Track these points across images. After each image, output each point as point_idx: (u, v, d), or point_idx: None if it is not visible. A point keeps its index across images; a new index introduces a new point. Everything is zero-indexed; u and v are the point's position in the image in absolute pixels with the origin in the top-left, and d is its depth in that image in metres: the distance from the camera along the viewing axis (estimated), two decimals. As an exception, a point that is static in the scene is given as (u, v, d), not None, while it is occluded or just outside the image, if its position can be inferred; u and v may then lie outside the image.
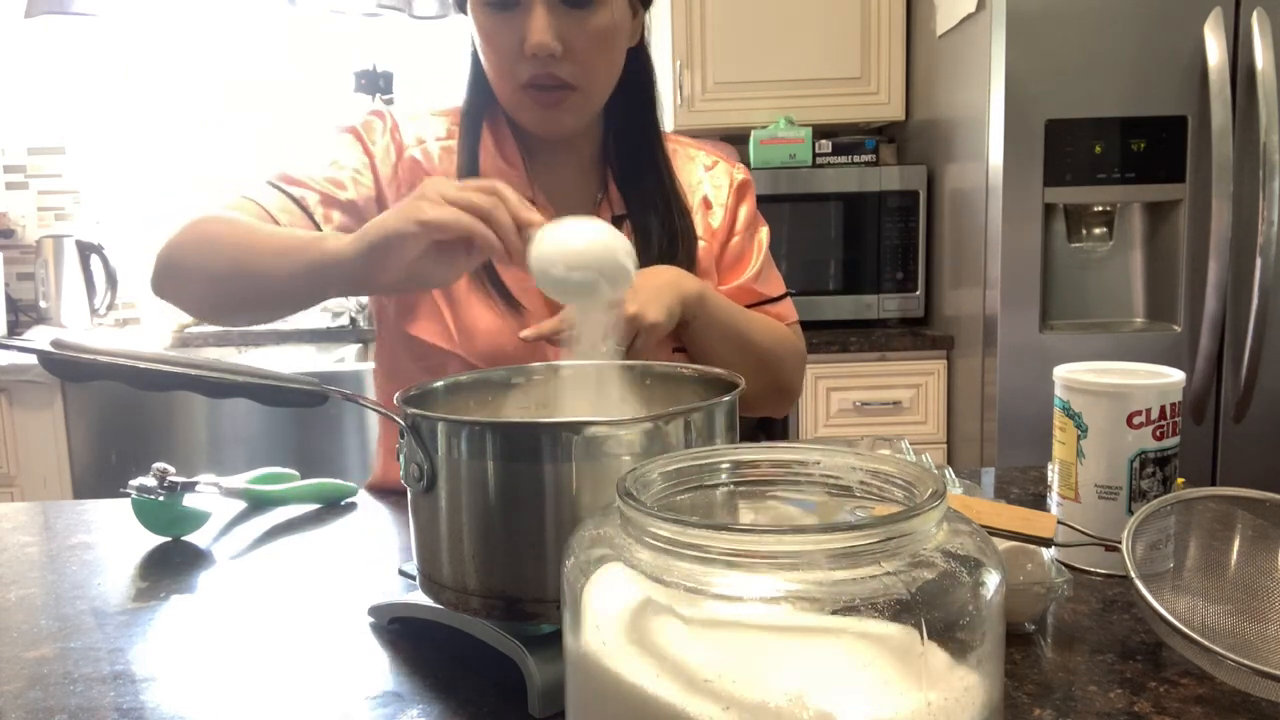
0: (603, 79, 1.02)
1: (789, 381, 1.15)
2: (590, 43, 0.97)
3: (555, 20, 0.95)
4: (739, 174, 1.19)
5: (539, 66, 0.96)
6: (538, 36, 0.94)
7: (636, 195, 1.10)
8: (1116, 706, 0.59)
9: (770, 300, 1.18)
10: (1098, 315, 2.21)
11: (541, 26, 0.94)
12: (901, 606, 0.38)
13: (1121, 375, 0.80)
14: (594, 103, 1.03)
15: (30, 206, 2.93)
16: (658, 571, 0.41)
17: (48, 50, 2.88)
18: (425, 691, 0.63)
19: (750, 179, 1.21)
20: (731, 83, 2.61)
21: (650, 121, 1.11)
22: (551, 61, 0.96)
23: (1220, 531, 0.73)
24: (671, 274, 0.99)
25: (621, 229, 1.08)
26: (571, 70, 0.98)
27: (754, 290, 1.16)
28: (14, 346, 0.65)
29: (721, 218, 1.16)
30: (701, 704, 0.38)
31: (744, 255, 1.17)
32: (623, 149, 1.11)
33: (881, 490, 0.48)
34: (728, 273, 1.16)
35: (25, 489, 2.38)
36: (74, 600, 0.81)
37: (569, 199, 1.09)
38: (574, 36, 0.96)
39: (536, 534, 0.58)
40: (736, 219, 1.17)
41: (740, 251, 1.17)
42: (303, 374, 0.73)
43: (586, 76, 0.99)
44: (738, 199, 1.18)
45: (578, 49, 0.97)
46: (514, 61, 0.98)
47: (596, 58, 0.99)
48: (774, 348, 1.11)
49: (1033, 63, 2.02)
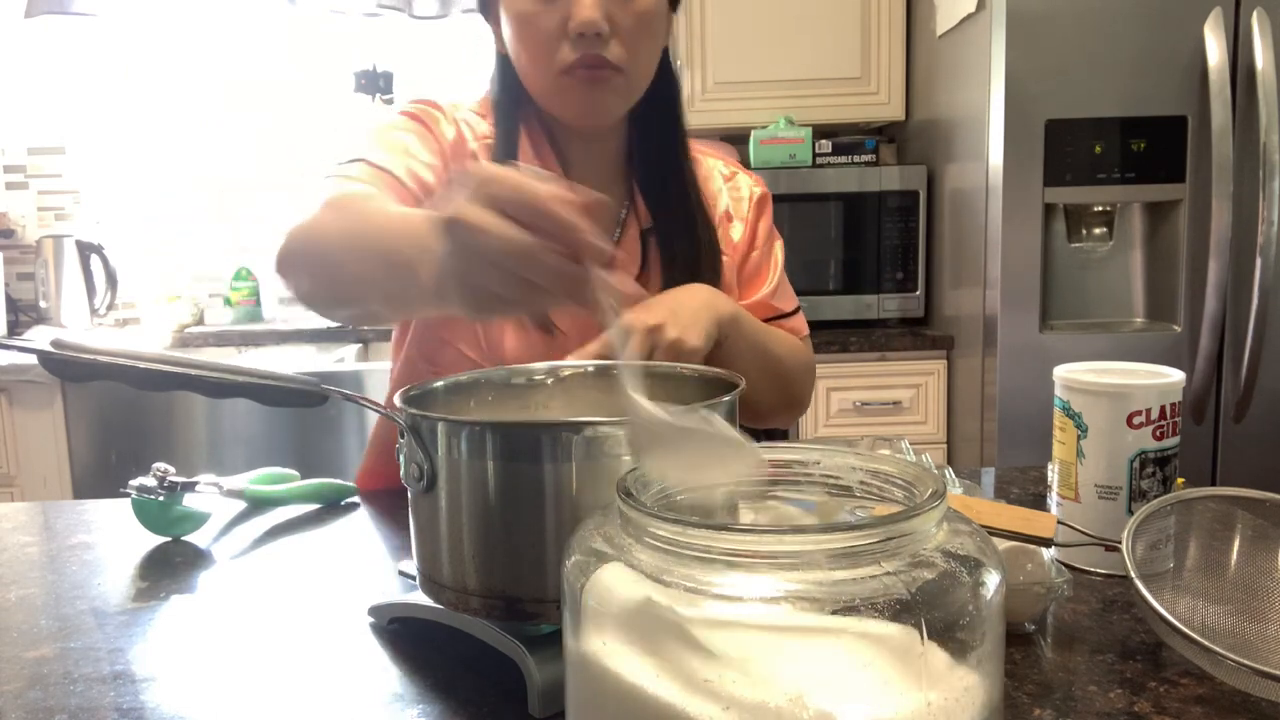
0: (645, 64, 1.01)
1: (801, 395, 1.15)
2: (636, 24, 0.96)
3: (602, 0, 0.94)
4: (757, 188, 1.19)
5: (585, 47, 0.95)
6: (587, 13, 0.93)
7: (663, 207, 1.08)
8: (1116, 706, 0.59)
9: (785, 315, 1.18)
10: (1098, 315, 2.21)
11: (590, 3, 0.93)
12: (901, 606, 0.38)
13: (1121, 375, 0.80)
14: (635, 88, 1.01)
15: (30, 206, 2.93)
16: (658, 571, 0.41)
17: (48, 50, 2.88)
18: (425, 691, 0.63)
19: (768, 192, 1.20)
20: (731, 83, 2.61)
21: (676, 129, 1.10)
22: (598, 42, 0.94)
23: (1220, 531, 0.73)
24: (707, 294, 0.98)
25: (648, 243, 1.08)
26: (617, 51, 0.96)
27: (770, 305, 1.16)
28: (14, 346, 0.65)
29: (742, 232, 1.15)
30: (701, 704, 0.38)
31: (762, 270, 1.17)
32: (648, 157, 1.10)
33: (881, 490, 0.48)
34: (746, 287, 1.16)
35: (25, 489, 2.38)
36: (74, 600, 0.81)
37: None
38: (620, 16, 0.95)
39: (536, 534, 0.58)
40: (757, 234, 1.17)
41: (758, 266, 1.17)
42: (303, 374, 0.73)
43: (631, 59, 0.97)
44: (758, 213, 1.17)
45: (624, 29, 0.95)
46: (557, 44, 0.96)
47: (641, 40, 0.98)
48: (792, 364, 1.11)
49: (1033, 63, 2.02)
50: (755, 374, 1.01)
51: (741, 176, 1.19)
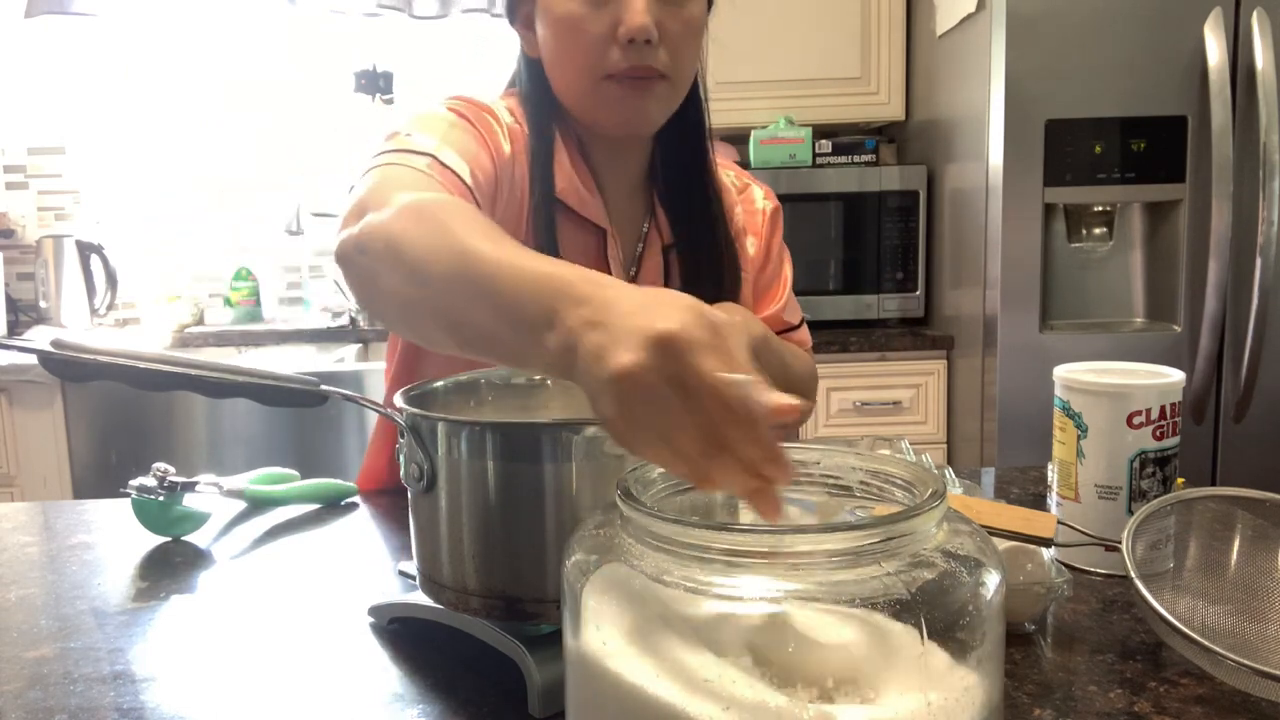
0: (688, 72, 1.00)
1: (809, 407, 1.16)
2: (684, 30, 0.95)
3: (651, 5, 0.92)
4: (769, 202, 1.18)
5: (634, 54, 0.93)
6: (639, 19, 0.91)
7: (685, 222, 1.07)
8: (1116, 706, 0.59)
9: (793, 327, 1.18)
10: (1098, 315, 2.21)
11: (641, 9, 0.91)
12: (901, 606, 0.38)
13: (1121, 375, 0.80)
14: (678, 96, 1.00)
15: (30, 206, 2.93)
16: (658, 571, 0.41)
17: (48, 50, 2.88)
18: (425, 691, 0.63)
19: (780, 206, 1.19)
20: (731, 83, 2.61)
21: (701, 142, 1.08)
22: (647, 49, 0.93)
23: (1220, 531, 0.73)
24: (742, 315, 0.96)
25: (670, 259, 1.06)
26: (664, 59, 0.95)
27: (781, 319, 1.16)
28: (14, 346, 0.65)
29: (757, 247, 1.15)
30: (701, 704, 0.38)
31: (774, 284, 1.17)
32: (671, 170, 1.08)
33: (881, 490, 0.48)
34: (759, 302, 1.16)
35: (25, 489, 2.38)
36: (74, 600, 0.81)
37: (621, 224, 1.06)
38: (669, 23, 0.94)
39: (536, 534, 0.58)
40: (771, 249, 1.16)
41: (771, 280, 1.17)
42: (303, 374, 0.73)
43: (677, 66, 0.96)
44: (771, 228, 1.17)
45: (672, 36, 0.94)
46: (604, 49, 0.93)
47: (688, 47, 0.97)
48: (804, 378, 1.11)
49: (1033, 63, 2.02)
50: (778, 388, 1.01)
51: (754, 189, 1.18)
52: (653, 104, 0.97)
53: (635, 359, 0.44)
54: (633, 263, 1.07)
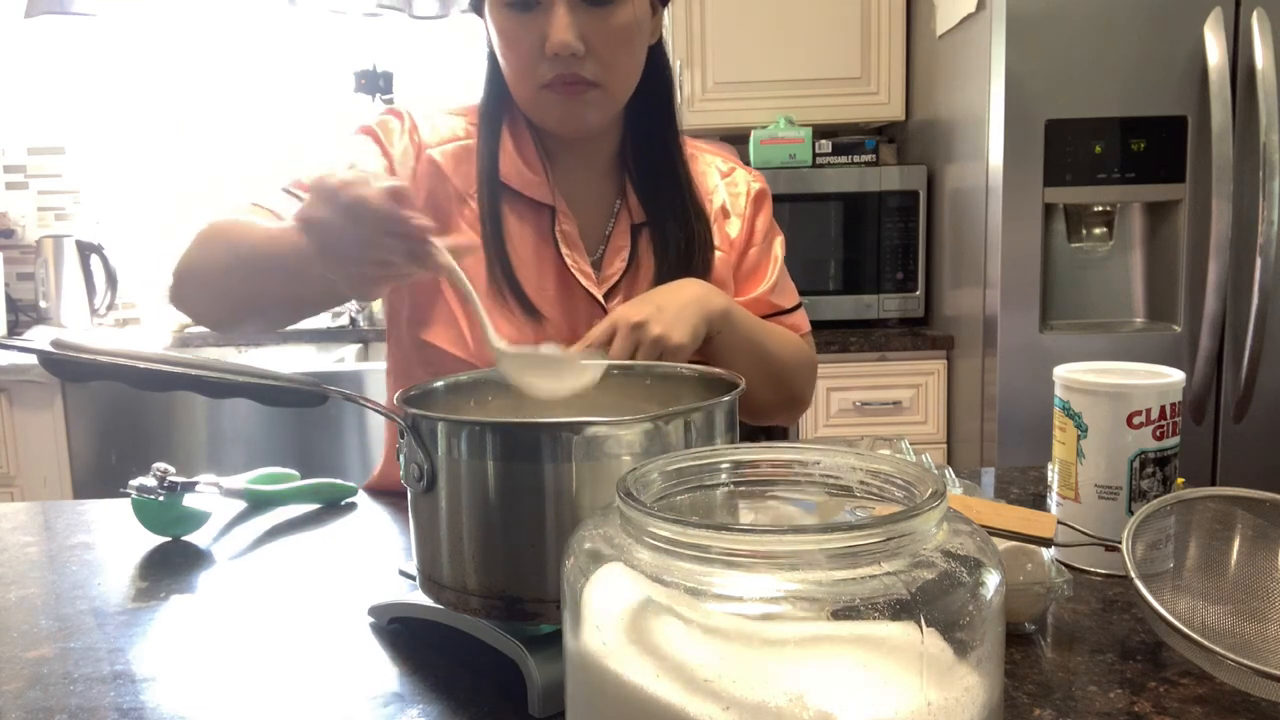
0: (625, 76, 1.01)
1: (801, 393, 1.15)
2: (612, 40, 0.97)
3: (577, 19, 0.94)
4: (756, 183, 1.18)
5: (562, 66, 0.96)
6: (560, 35, 0.94)
7: (655, 201, 1.08)
8: (1116, 706, 0.59)
9: (784, 311, 1.17)
10: (1098, 315, 2.21)
11: (563, 25, 0.94)
12: (901, 606, 0.38)
13: (1121, 375, 0.80)
14: (617, 100, 1.02)
15: (30, 206, 2.93)
16: (658, 571, 0.41)
17: (48, 50, 2.88)
18: (425, 691, 0.63)
19: (767, 188, 1.19)
20: (731, 83, 2.61)
21: (669, 123, 1.10)
22: (574, 61, 0.96)
23: (1220, 531, 0.73)
24: (697, 289, 0.98)
25: (640, 237, 1.08)
26: (594, 69, 0.97)
27: (770, 302, 1.15)
28: (14, 346, 0.65)
29: (739, 228, 1.15)
30: (701, 704, 0.38)
31: (760, 266, 1.16)
32: (641, 152, 1.10)
33: (881, 490, 0.48)
34: (744, 284, 1.15)
35: (25, 489, 2.38)
36: (74, 600, 0.81)
37: (588, 204, 1.08)
38: (596, 34, 0.95)
39: (536, 534, 0.58)
40: (754, 230, 1.16)
41: (757, 262, 1.16)
42: (303, 374, 0.73)
43: (609, 74, 0.98)
44: (755, 209, 1.17)
45: (600, 47, 0.96)
46: (535, 61, 0.97)
47: (619, 55, 0.98)
48: (789, 360, 1.11)
49: (1033, 63, 2.02)
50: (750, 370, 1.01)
51: (740, 172, 1.18)
52: (587, 110, 1.00)
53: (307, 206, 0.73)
54: (601, 240, 1.09)
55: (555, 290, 1.05)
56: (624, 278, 1.07)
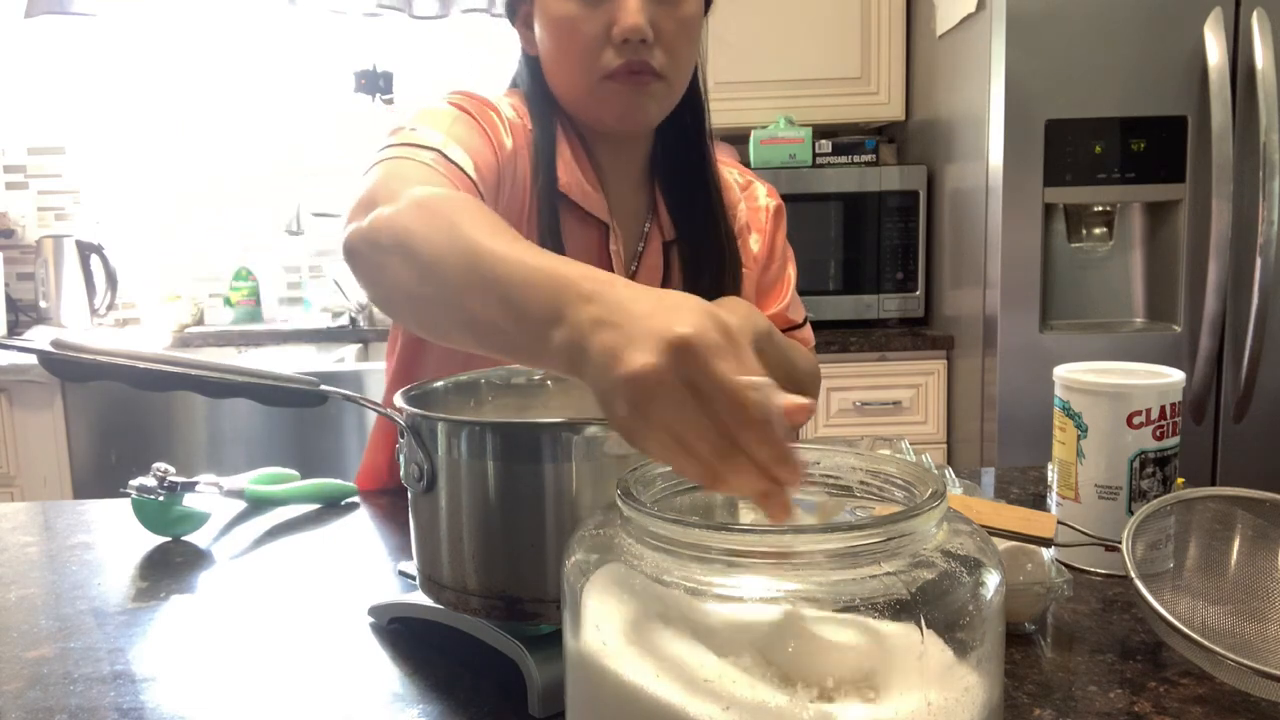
0: (685, 70, 1.00)
1: None
2: (679, 29, 0.95)
3: (646, 4, 0.93)
4: (772, 199, 1.18)
5: (630, 53, 0.93)
6: (633, 19, 0.92)
7: (687, 217, 1.07)
8: (1116, 706, 0.59)
9: (797, 326, 1.18)
10: (1098, 315, 2.21)
11: (635, 9, 0.92)
12: (901, 606, 0.38)
13: (1121, 375, 0.80)
14: (675, 94, 1.01)
15: (30, 206, 2.93)
16: (658, 571, 0.41)
17: (48, 50, 2.88)
18: (425, 692, 0.63)
19: (783, 204, 1.19)
20: (731, 83, 2.61)
21: (702, 138, 1.08)
22: (642, 48, 0.94)
23: (1220, 531, 0.73)
24: (745, 309, 0.96)
25: (671, 255, 1.06)
26: (660, 58, 0.95)
27: (786, 317, 1.16)
28: (14, 346, 0.65)
29: (761, 244, 1.15)
30: (701, 704, 0.38)
31: (778, 282, 1.17)
32: (673, 166, 1.08)
33: (881, 490, 0.48)
34: (763, 299, 1.16)
35: (25, 489, 2.38)
36: (74, 600, 0.81)
37: (623, 219, 1.06)
38: (664, 22, 0.94)
39: (536, 534, 0.58)
40: (775, 246, 1.16)
41: (775, 279, 1.17)
42: (303, 374, 0.73)
43: (673, 65, 0.97)
44: (775, 225, 1.17)
45: (667, 35, 0.95)
46: (599, 50, 0.94)
47: (683, 46, 0.97)
48: (806, 374, 1.11)
49: (1033, 63, 2.02)
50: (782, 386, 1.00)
51: (757, 186, 1.18)
52: (650, 102, 0.98)
53: (652, 361, 0.45)
54: (634, 258, 1.07)
55: None
56: None
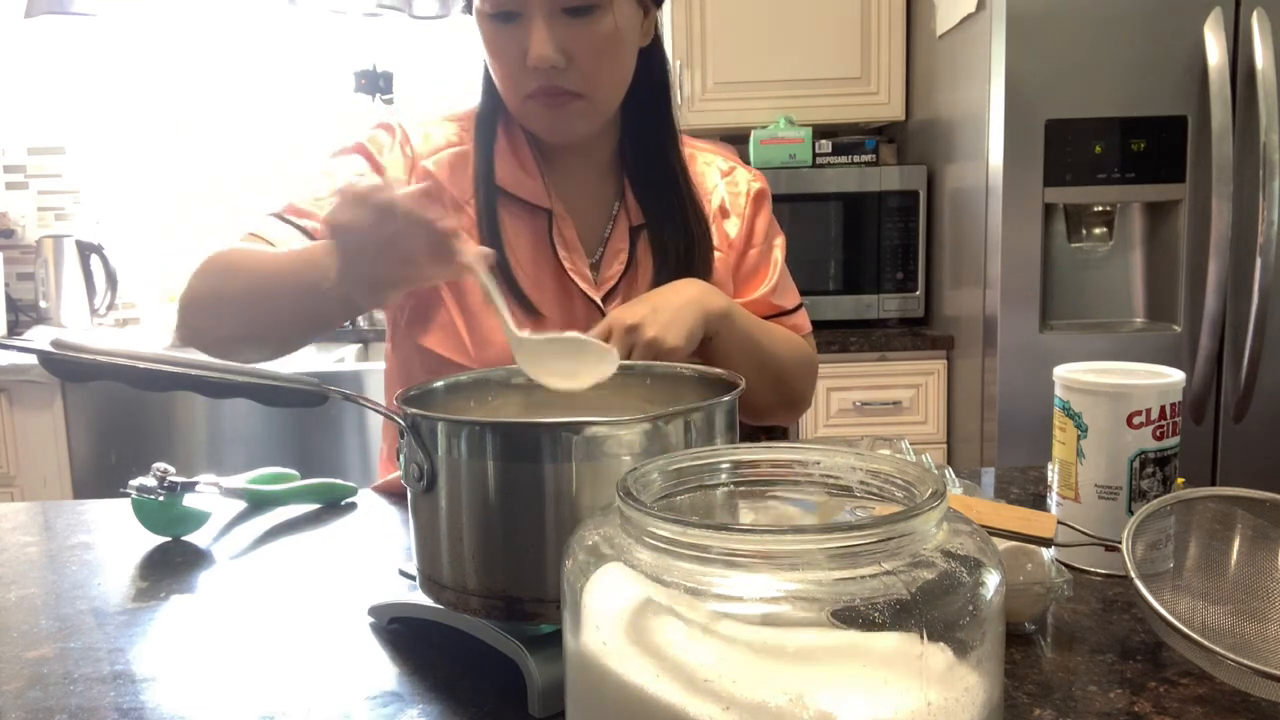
0: (610, 85, 1.00)
1: (802, 393, 1.14)
2: (594, 51, 0.96)
3: (556, 31, 0.93)
4: (756, 183, 1.17)
5: (543, 78, 0.95)
6: (538, 49, 0.93)
7: (653, 202, 1.08)
8: (1116, 706, 0.59)
9: (786, 312, 1.17)
10: (1098, 315, 2.21)
11: (541, 39, 0.93)
12: (901, 606, 0.38)
13: (1121, 375, 0.80)
14: (603, 109, 1.02)
15: (30, 206, 2.93)
16: (658, 571, 0.41)
17: (48, 50, 2.88)
18: (425, 692, 0.63)
19: (767, 187, 1.19)
20: (731, 83, 2.61)
21: (666, 123, 1.09)
22: (555, 73, 0.95)
23: (1220, 531, 0.73)
24: (696, 290, 0.97)
25: (638, 239, 1.08)
26: (576, 79, 0.96)
27: (771, 303, 1.15)
28: (14, 346, 0.65)
29: (739, 228, 1.14)
30: (701, 704, 0.38)
31: (761, 267, 1.15)
32: (639, 153, 1.09)
33: (881, 490, 0.48)
34: (745, 285, 1.15)
35: (25, 489, 2.38)
36: (74, 600, 0.81)
37: (585, 206, 1.08)
38: (577, 45, 0.94)
39: (536, 534, 0.58)
40: (754, 230, 1.15)
41: (757, 263, 1.15)
42: (303, 374, 0.73)
43: (592, 84, 0.97)
44: (755, 208, 1.16)
45: (581, 58, 0.95)
46: (519, 72, 0.96)
47: (601, 65, 0.97)
48: (790, 361, 1.10)
49: (1033, 63, 2.02)
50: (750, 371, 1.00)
51: (740, 171, 1.18)
52: (574, 120, 1.00)
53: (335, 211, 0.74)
54: (600, 243, 1.08)
55: (553, 294, 1.04)
56: (622, 280, 1.07)
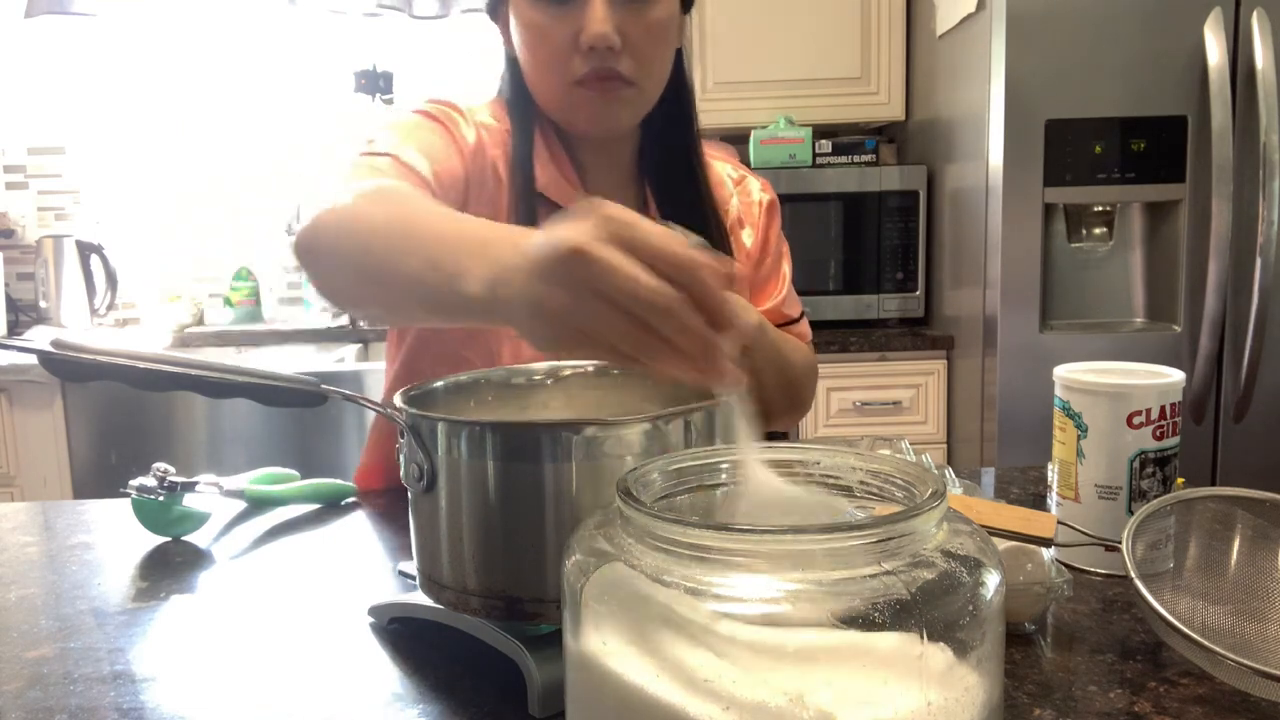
0: (658, 75, 0.99)
1: (807, 398, 1.15)
2: (648, 35, 0.94)
3: (614, 12, 0.92)
4: (766, 194, 1.18)
5: (596, 60, 0.93)
6: (597, 27, 0.91)
7: (676, 213, 1.06)
8: (1116, 706, 0.59)
9: (793, 320, 1.18)
10: (1098, 315, 2.21)
11: (601, 17, 0.91)
12: (901, 606, 0.38)
13: (1121, 375, 0.80)
14: (648, 99, 1.00)
15: (30, 206, 2.93)
16: (658, 571, 0.41)
17: (48, 50, 2.88)
18: (425, 692, 0.63)
19: (777, 198, 1.19)
20: (731, 83, 2.61)
21: (689, 132, 1.08)
22: (610, 55, 0.93)
23: (1220, 531, 0.73)
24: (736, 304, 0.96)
25: None
26: (629, 65, 0.94)
27: (781, 312, 1.15)
28: (14, 346, 0.65)
29: (754, 239, 1.14)
30: (701, 704, 0.38)
31: (772, 277, 1.16)
32: (661, 161, 1.08)
33: (881, 490, 0.48)
34: (757, 294, 1.15)
35: (25, 489, 2.38)
36: (74, 600, 0.81)
37: None
38: (632, 29, 0.93)
39: (536, 534, 0.58)
40: (769, 241, 1.16)
41: (770, 273, 1.16)
42: (303, 374, 0.73)
43: (643, 71, 0.96)
44: (769, 220, 1.16)
45: (636, 42, 0.94)
46: (568, 56, 0.94)
47: (654, 51, 0.96)
48: (801, 369, 1.11)
49: (1033, 63, 2.02)
50: (773, 381, 1.00)
51: (751, 180, 1.18)
52: (621, 108, 0.98)
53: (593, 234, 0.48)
54: None
55: None
56: None
